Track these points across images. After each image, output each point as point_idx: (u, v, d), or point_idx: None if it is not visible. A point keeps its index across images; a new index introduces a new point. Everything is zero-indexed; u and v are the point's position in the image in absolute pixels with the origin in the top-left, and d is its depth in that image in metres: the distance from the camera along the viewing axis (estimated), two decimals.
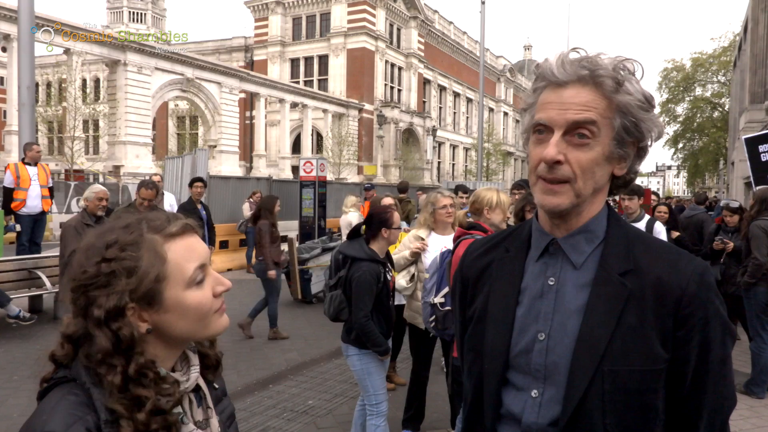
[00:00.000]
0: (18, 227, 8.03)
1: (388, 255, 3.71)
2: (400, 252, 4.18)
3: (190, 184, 7.64)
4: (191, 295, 0.95)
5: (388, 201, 3.69)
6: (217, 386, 1.11)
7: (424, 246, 4.03)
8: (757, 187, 6.11)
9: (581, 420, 0.97)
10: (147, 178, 7.79)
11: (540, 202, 1.04)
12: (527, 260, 1.10)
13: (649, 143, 1.04)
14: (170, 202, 8.57)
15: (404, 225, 5.34)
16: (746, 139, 7.21)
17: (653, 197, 8.63)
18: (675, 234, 6.54)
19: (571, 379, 0.98)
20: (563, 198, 1.01)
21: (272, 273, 6.39)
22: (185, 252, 0.96)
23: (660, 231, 5.38)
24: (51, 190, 8.64)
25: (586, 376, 0.96)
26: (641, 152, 1.05)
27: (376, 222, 3.52)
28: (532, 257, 1.09)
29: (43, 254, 7.98)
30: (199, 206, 7.37)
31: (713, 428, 1.00)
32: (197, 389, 1.03)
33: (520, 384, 1.05)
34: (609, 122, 0.99)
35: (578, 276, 1.03)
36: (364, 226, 3.57)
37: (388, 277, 3.53)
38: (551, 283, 1.05)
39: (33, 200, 8.14)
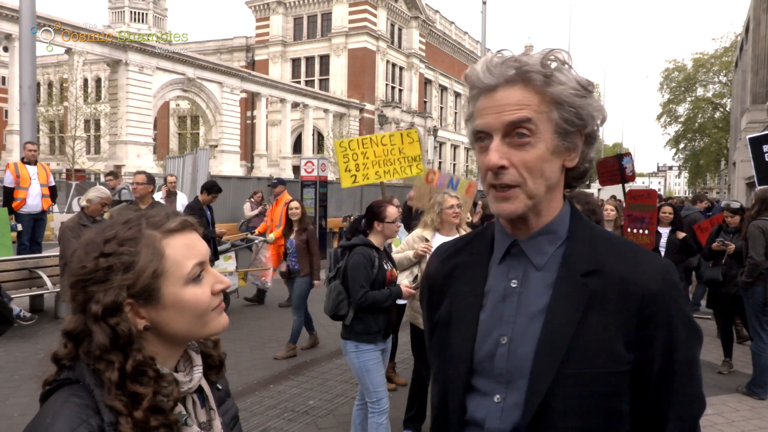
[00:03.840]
0: (19, 226, 8.03)
1: (386, 251, 3.77)
2: (402, 251, 4.18)
3: (211, 191, 7.30)
4: (189, 292, 0.94)
5: (393, 209, 3.71)
6: (220, 387, 1.10)
7: (429, 247, 4.02)
8: (759, 188, 6.10)
9: (543, 424, 0.94)
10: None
11: (495, 211, 1.02)
12: (491, 263, 1.08)
13: (594, 129, 1.02)
14: (183, 202, 8.57)
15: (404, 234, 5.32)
16: (750, 139, 7.19)
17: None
18: (681, 235, 6.52)
19: (533, 383, 0.95)
20: (516, 203, 0.98)
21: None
22: (184, 249, 0.96)
23: None
24: (52, 189, 8.65)
25: (547, 379, 0.94)
26: (589, 139, 1.02)
27: (369, 215, 3.63)
28: (495, 260, 1.07)
29: (43, 254, 7.98)
30: (204, 206, 7.30)
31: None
32: (200, 390, 1.03)
33: (484, 389, 1.02)
34: (546, 116, 0.97)
35: (541, 277, 1.01)
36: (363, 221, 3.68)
37: (385, 266, 3.58)
38: (514, 286, 1.03)
39: (33, 199, 8.14)
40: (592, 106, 0.99)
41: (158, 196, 8.74)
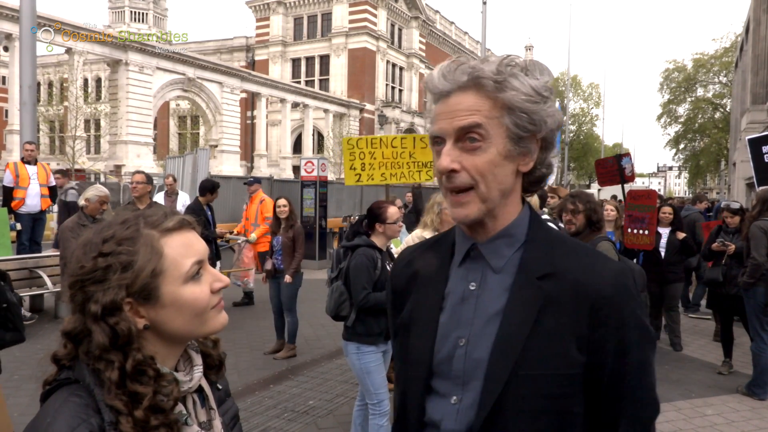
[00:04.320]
0: (18, 226, 8.03)
1: (389, 251, 3.75)
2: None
3: (212, 191, 7.34)
4: (188, 291, 0.94)
5: (394, 210, 3.69)
6: (220, 387, 1.10)
7: None
8: (760, 188, 6.10)
9: (496, 425, 0.95)
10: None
11: (452, 216, 1.04)
12: (451, 266, 1.09)
13: (549, 134, 1.02)
14: (183, 202, 8.55)
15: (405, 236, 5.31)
16: (750, 140, 7.19)
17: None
18: (681, 235, 6.51)
19: (487, 384, 0.97)
20: (471, 208, 1.00)
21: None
22: (182, 247, 0.96)
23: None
24: (52, 189, 8.64)
25: (500, 380, 0.95)
26: (546, 144, 1.03)
27: (370, 216, 3.62)
28: (456, 263, 1.08)
29: (43, 254, 7.98)
30: (205, 207, 7.28)
31: None
32: (200, 390, 1.03)
33: (442, 391, 1.03)
34: (497, 122, 0.98)
35: (499, 280, 1.02)
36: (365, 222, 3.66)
37: (387, 267, 3.55)
38: (472, 288, 1.04)
39: (32, 199, 8.14)
40: (545, 112, 1.00)
41: (160, 196, 8.73)
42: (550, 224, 3.95)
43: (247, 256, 8.26)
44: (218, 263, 8.10)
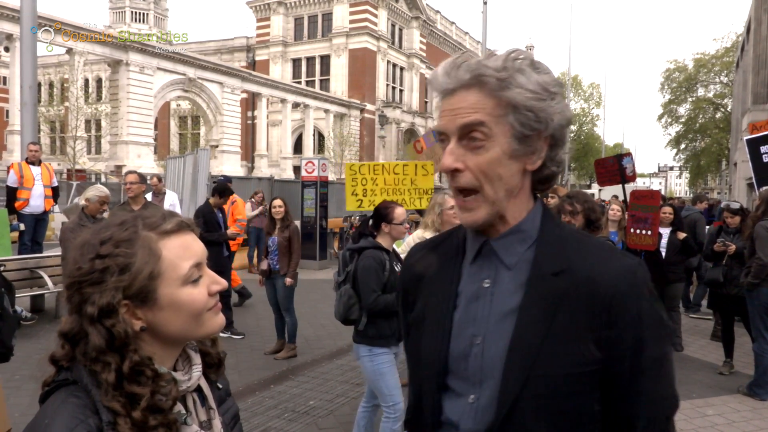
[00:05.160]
0: (21, 226, 8.04)
1: (395, 252, 3.71)
2: (405, 252, 4.16)
3: (222, 194, 7.20)
4: (185, 293, 0.94)
5: (401, 211, 3.67)
6: (220, 386, 1.10)
7: None
8: (764, 188, 6.09)
9: (514, 425, 0.95)
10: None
11: (459, 220, 1.03)
12: (463, 263, 1.08)
13: (557, 131, 0.99)
14: (171, 202, 8.51)
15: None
16: (748, 140, 7.18)
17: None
18: (681, 235, 6.50)
19: (504, 383, 0.95)
20: (479, 213, 0.99)
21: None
22: (180, 250, 0.95)
23: None
24: (55, 189, 8.66)
25: (518, 379, 0.94)
26: (554, 141, 1.01)
27: (376, 217, 3.58)
28: (468, 260, 1.07)
29: (44, 254, 7.98)
30: (216, 209, 7.15)
31: (653, 431, 0.98)
32: (200, 389, 1.03)
33: (458, 390, 1.02)
34: (501, 120, 0.96)
35: (512, 277, 1.01)
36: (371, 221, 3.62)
37: (396, 268, 3.50)
38: (486, 285, 1.02)
39: (36, 200, 8.16)
40: (553, 108, 0.97)
41: (147, 197, 8.69)
42: None
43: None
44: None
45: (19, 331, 6.52)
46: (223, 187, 7.19)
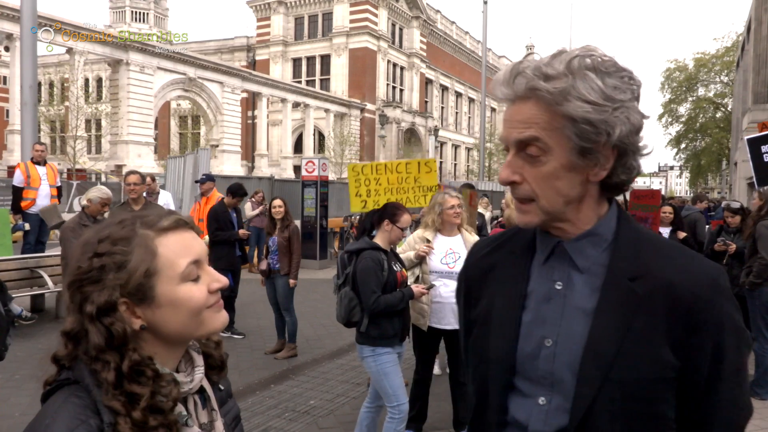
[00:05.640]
0: (26, 226, 8.06)
1: (393, 251, 3.71)
2: (404, 252, 4.16)
3: (235, 194, 7.08)
4: (184, 291, 0.93)
5: (408, 218, 3.67)
6: (222, 388, 1.10)
7: (430, 248, 3.99)
8: (765, 187, 6.08)
9: (589, 429, 0.94)
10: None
11: (516, 220, 1.04)
12: (533, 263, 1.06)
13: (625, 140, 0.94)
14: (165, 200, 8.48)
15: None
16: (749, 140, 7.18)
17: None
18: (682, 235, 6.50)
19: (579, 388, 0.94)
20: (531, 216, 0.99)
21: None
22: (177, 247, 0.95)
23: None
24: (59, 189, 8.71)
25: (594, 384, 0.93)
26: (623, 150, 0.95)
27: (382, 213, 3.57)
28: (538, 260, 1.06)
29: (45, 253, 7.99)
30: (230, 209, 7.05)
31: None
32: (202, 391, 1.02)
33: (526, 390, 1.02)
34: (558, 133, 0.93)
35: (585, 280, 0.99)
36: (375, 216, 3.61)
37: (394, 268, 3.50)
38: (558, 288, 1.01)
39: (43, 199, 8.20)
40: (615, 119, 0.92)
41: None
42: None
43: None
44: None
45: (19, 330, 6.56)
46: (237, 187, 7.15)
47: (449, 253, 3.97)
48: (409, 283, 3.82)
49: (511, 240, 1.14)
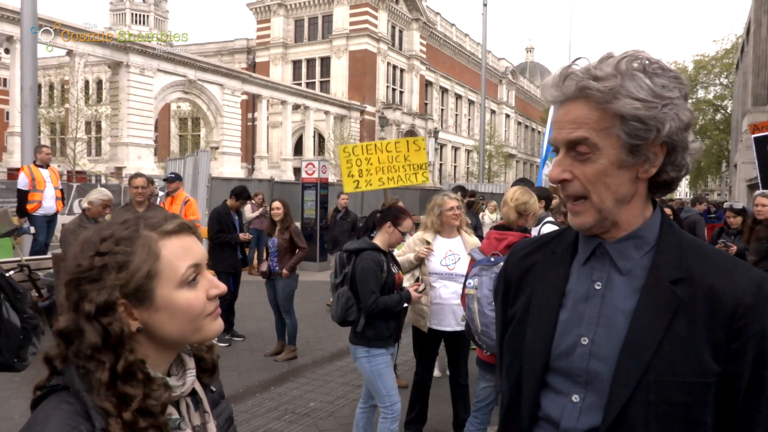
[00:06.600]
0: (32, 229, 8.07)
1: (391, 253, 3.71)
2: (404, 254, 4.16)
3: (238, 196, 7.05)
4: (182, 295, 0.93)
5: (410, 223, 3.67)
6: (214, 389, 1.09)
7: (430, 250, 3.99)
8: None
9: (622, 430, 0.94)
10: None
11: (569, 223, 1.05)
12: (573, 263, 1.08)
13: (675, 136, 0.95)
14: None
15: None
16: (756, 138, 7.17)
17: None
18: None
19: (614, 387, 0.95)
20: (586, 217, 1.00)
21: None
22: (179, 250, 0.95)
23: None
24: (62, 191, 8.75)
25: (629, 384, 0.93)
26: (672, 146, 0.96)
27: (385, 215, 3.57)
28: (579, 260, 1.07)
29: (44, 255, 7.98)
30: (232, 211, 7.04)
31: None
32: (194, 393, 1.02)
33: (559, 387, 1.02)
34: (607, 132, 0.95)
35: (626, 282, 1.00)
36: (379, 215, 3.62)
37: (393, 270, 3.51)
38: (598, 288, 1.02)
39: (48, 201, 8.24)
40: (665, 115, 0.93)
41: None
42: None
43: None
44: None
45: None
46: (240, 189, 7.13)
47: (449, 254, 3.97)
48: (408, 285, 3.83)
49: (553, 241, 1.15)
